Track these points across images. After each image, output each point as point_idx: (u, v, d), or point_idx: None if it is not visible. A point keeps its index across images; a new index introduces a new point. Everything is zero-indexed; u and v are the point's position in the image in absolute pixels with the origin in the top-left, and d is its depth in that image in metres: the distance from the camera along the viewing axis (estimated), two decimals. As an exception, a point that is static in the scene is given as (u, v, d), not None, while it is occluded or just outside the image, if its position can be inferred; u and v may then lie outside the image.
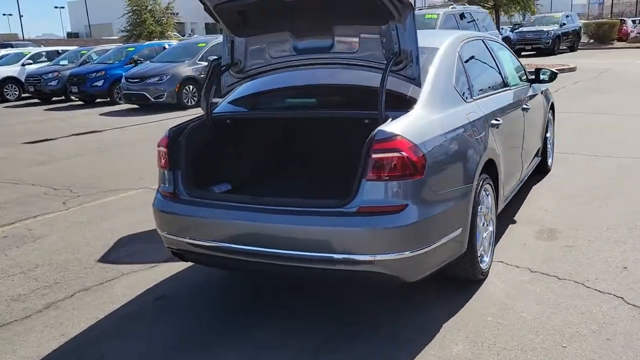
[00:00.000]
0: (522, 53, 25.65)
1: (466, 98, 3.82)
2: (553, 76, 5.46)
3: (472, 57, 4.30)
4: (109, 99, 17.03)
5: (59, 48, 23.72)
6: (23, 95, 20.35)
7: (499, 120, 4.02)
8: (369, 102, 3.43)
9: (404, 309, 3.53)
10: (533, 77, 5.47)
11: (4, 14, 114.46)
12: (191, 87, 14.99)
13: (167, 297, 3.95)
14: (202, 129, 3.79)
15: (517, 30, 30.40)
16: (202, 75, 15.04)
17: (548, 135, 6.16)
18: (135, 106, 15.62)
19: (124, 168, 8.28)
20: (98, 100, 17.54)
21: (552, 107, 6.32)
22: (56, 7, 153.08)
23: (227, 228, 3.32)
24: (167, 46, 18.51)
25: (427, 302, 3.58)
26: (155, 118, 13.45)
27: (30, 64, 20.89)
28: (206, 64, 15.12)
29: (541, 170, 6.14)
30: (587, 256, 4.13)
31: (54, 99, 19.05)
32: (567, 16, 29.43)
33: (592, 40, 33.01)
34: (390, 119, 3.16)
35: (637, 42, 31.84)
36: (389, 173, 2.96)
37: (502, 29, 30.60)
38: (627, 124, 9.07)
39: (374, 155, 2.96)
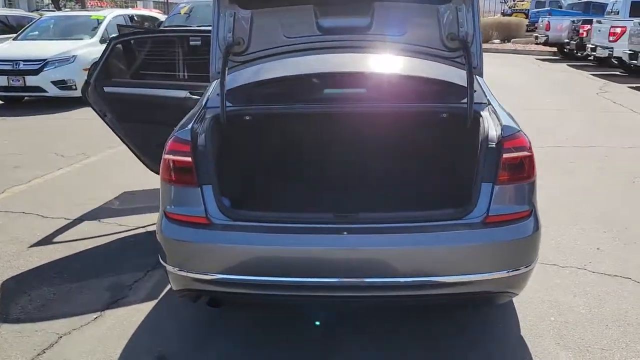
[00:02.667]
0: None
1: None
2: None
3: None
4: None
5: None
6: None
7: None
8: (427, 94, 2.97)
9: (471, 326, 3.19)
10: None
11: None
12: None
13: (170, 357, 2.90)
14: (217, 129, 2.83)
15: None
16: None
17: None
18: None
19: None
20: None
21: None
22: None
23: (303, 258, 2.54)
24: None
25: (486, 313, 3.28)
26: None
27: None
28: None
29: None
30: (557, 241, 4.31)
31: None
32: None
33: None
34: (481, 113, 2.77)
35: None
36: (517, 174, 2.58)
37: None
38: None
39: (505, 155, 2.54)
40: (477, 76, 3.04)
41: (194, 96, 4.23)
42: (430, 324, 3.19)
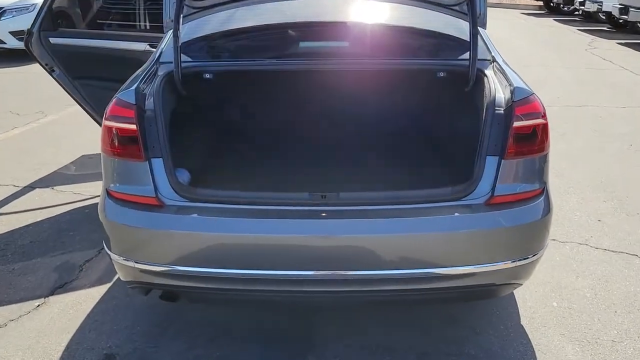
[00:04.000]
0: None
1: None
2: None
3: None
4: None
5: None
6: None
7: None
8: (421, 48, 2.52)
9: (465, 314, 2.83)
10: None
11: None
12: None
13: (119, 355, 2.50)
14: (170, 90, 2.36)
15: None
16: None
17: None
18: None
19: None
20: None
21: None
22: None
23: (271, 246, 2.12)
24: None
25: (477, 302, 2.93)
26: None
27: None
28: None
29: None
30: (555, 213, 3.89)
31: None
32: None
33: None
34: (486, 72, 2.34)
35: None
36: (529, 146, 2.17)
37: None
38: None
39: (516, 123, 2.12)
40: (480, 28, 2.59)
41: (154, 49, 3.73)
42: (419, 313, 2.83)
